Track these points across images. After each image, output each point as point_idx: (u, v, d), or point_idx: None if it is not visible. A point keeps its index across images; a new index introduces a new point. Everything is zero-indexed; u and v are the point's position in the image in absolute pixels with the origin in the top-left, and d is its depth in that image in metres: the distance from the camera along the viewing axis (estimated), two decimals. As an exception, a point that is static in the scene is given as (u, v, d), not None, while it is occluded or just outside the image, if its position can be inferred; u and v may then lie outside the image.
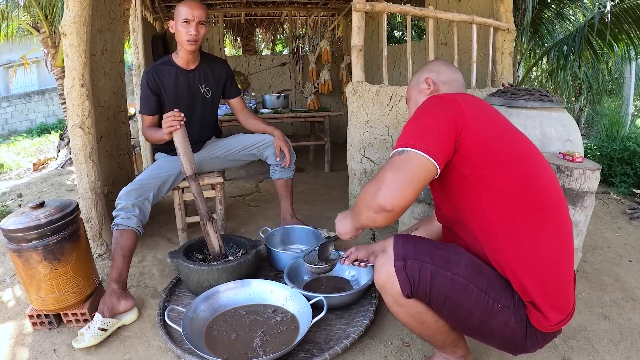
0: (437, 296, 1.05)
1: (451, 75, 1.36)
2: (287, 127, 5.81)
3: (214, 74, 2.27)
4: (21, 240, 1.51)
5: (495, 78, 3.17)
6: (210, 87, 2.27)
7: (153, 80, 2.13)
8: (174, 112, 1.85)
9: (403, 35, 9.74)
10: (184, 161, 1.86)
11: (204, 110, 2.28)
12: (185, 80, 2.19)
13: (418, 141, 1.04)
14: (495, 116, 1.19)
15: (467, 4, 3.58)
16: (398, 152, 1.05)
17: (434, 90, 1.33)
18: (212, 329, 1.53)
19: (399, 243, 1.09)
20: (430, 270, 1.04)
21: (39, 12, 5.40)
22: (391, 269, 1.07)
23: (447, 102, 1.12)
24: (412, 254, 1.06)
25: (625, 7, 4.12)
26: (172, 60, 2.18)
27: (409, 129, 1.10)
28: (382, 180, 1.03)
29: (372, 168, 2.65)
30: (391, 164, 1.04)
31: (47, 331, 1.65)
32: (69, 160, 5.45)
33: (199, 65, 2.22)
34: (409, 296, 1.07)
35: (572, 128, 2.28)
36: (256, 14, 6.17)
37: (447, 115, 1.08)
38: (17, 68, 7.81)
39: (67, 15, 1.97)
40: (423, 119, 1.10)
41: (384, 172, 1.04)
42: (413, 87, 1.41)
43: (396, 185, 1.00)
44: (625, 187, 3.53)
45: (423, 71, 1.39)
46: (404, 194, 1.00)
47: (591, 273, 2.10)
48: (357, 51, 2.47)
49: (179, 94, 2.18)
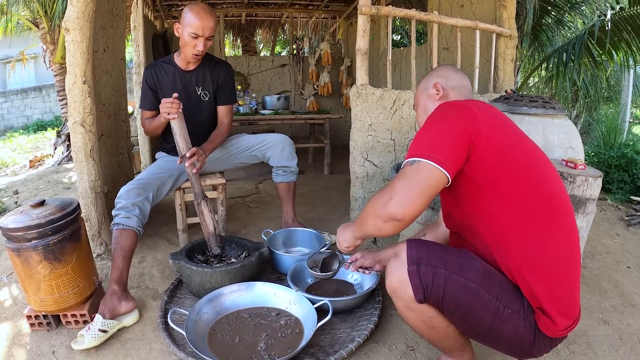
0: (449, 301, 1.05)
1: (460, 80, 1.36)
2: (286, 129, 5.80)
3: (212, 77, 2.24)
4: (21, 240, 1.48)
5: (497, 84, 3.18)
6: (207, 90, 2.24)
7: (151, 77, 2.14)
8: (172, 98, 1.86)
9: (402, 39, 9.78)
10: (179, 140, 1.87)
11: (200, 112, 2.25)
12: (182, 81, 2.17)
13: (429, 151, 1.04)
14: (507, 123, 1.19)
15: (469, 10, 3.60)
16: (410, 162, 1.06)
17: (443, 96, 1.33)
18: (216, 332, 1.51)
19: (413, 248, 1.09)
20: (444, 276, 1.04)
21: (39, 7, 5.37)
22: (404, 273, 1.06)
23: (460, 109, 1.12)
24: (425, 259, 1.06)
25: (626, 15, 4.15)
26: (173, 60, 2.17)
27: (421, 137, 1.10)
28: (393, 190, 1.03)
29: (374, 171, 2.65)
30: (402, 174, 1.05)
31: (46, 332, 1.62)
32: (66, 158, 5.40)
33: (199, 67, 2.20)
34: (422, 301, 1.07)
35: (574, 135, 2.29)
36: (257, 14, 6.17)
37: (460, 123, 1.08)
38: (15, 63, 7.73)
39: (70, 10, 1.95)
40: (435, 128, 1.10)
41: (395, 181, 1.05)
42: (421, 92, 1.40)
43: (407, 195, 1.01)
44: (622, 194, 3.56)
45: (431, 76, 1.38)
46: (414, 204, 1.01)
47: (590, 279, 2.12)
48: (362, 54, 2.46)
49: (175, 93, 2.16)
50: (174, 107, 1.87)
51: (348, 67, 5.73)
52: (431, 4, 4.14)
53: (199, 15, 1.93)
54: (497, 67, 3.16)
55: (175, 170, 2.16)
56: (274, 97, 4.51)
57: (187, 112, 2.10)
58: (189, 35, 1.97)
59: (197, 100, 2.22)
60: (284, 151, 2.31)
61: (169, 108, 1.87)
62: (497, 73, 3.17)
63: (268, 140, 2.32)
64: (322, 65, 5.64)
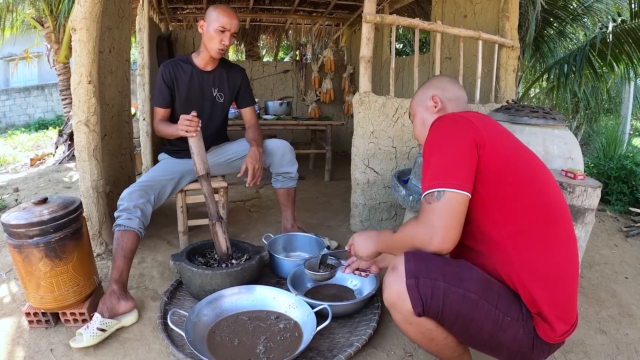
0: (449, 314, 1.05)
1: (457, 92, 1.36)
2: (287, 134, 5.82)
3: (229, 80, 2.27)
4: (22, 236, 1.49)
5: (498, 94, 3.20)
6: (223, 92, 2.26)
7: (168, 74, 2.14)
8: (192, 116, 1.83)
9: (404, 48, 9.83)
10: (197, 161, 1.85)
11: (214, 113, 2.27)
12: (199, 80, 2.19)
13: (449, 178, 1.07)
14: (506, 134, 1.21)
15: (472, 20, 3.63)
16: (435, 195, 1.07)
17: (441, 109, 1.34)
18: (215, 334, 1.51)
19: (411, 260, 1.07)
20: (443, 288, 1.04)
21: (45, 6, 5.40)
22: (402, 287, 1.05)
23: (461, 123, 1.14)
24: (424, 272, 1.05)
25: (627, 28, 4.18)
26: (191, 59, 2.19)
27: (435, 164, 1.11)
28: (432, 227, 1.06)
29: (375, 178, 2.66)
30: (434, 210, 1.07)
31: (44, 330, 1.63)
32: (67, 157, 5.41)
33: (216, 68, 2.22)
34: (420, 314, 1.06)
35: (574, 146, 2.31)
36: (261, 20, 6.20)
37: (465, 137, 1.10)
38: (19, 62, 7.76)
39: (77, 10, 1.97)
40: (445, 149, 1.12)
41: (429, 217, 1.07)
42: (418, 103, 1.40)
43: (447, 231, 1.05)
44: (621, 205, 3.57)
45: (428, 88, 1.39)
46: (455, 235, 1.07)
47: (588, 289, 2.13)
48: (366, 62, 2.48)
49: (191, 93, 2.18)
50: (193, 125, 1.83)
51: (350, 74, 5.76)
52: (435, 13, 4.18)
53: (226, 11, 2.03)
54: (498, 78, 3.18)
55: (178, 173, 2.17)
56: (277, 102, 4.53)
57: (202, 111, 2.12)
58: (216, 30, 2.01)
59: (212, 101, 2.25)
60: (284, 157, 2.32)
61: (188, 126, 1.82)
62: (498, 83, 3.19)
63: (269, 146, 2.32)
64: (325, 72, 5.66)
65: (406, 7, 5.15)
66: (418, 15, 5.23)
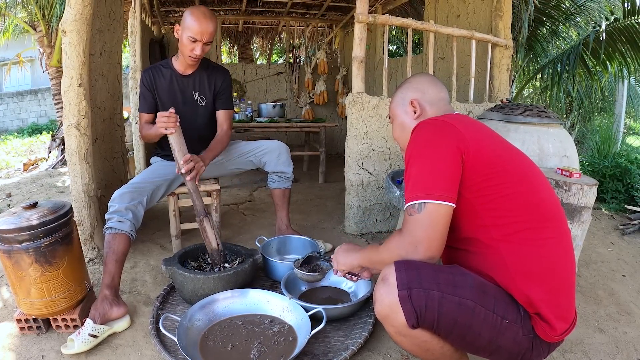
0: (445, 323, 1.02)
1: (437, 94, 1.31)
2: (281, 137, 5.81)
3: (210, 82, 2.22)
4: (12, 241, 1.46)
5: (492, 93, 3.20)
6: (204, 95, 2.22)
7: (148, 79, 2.13)
8: (169, 112, 1.82)
9: (397, 49, 9.85)
10: (178, 157, 1.83)
11: (196, 117, 2.22)
12: (179, 85, 2.17)
13: (431, 189, 1.05)
14: (491, 134, 1.19)
15: (465, 20, 3.63)
16: (417, 207, 1.06)
17: (421, 115, 1.28)
18: (208, 339, 1.49)
19: (402, 270, 1.02)
20: (437, 298, 1.00)
21: (37, 10, 5.37)
22: (394, 299, 1.01)
23: (445, 129, 1.11)
24: (416, 282, 1.00)
25: (620, 27, 4.20)
26: (171, 64, 2.16)
27: (416, 174, 1.09)
28: (415, 238, 1.05)
29: (369, 179, 2.64)
30: (416, 221, 1.06)
31: (35, 336, 1.60)
32: (60, 162, 5.37)
33: (196, 72, 2.18)
34: (415, 327, 1.02)
35: (569, 144, 2.31)
36: (254, 22, 6.20)
37: (448, 145, 1.08)
38: (12, 66, 7.70)
39: (68, 12, 1.95)
40: (426, 159, 1.09)
41: (411, 227, 1.06)
42: (397, 105, 1.35)
43: (430, 240, 1.05)
44: (616, 204, 3.58)
45: (407, 89, 1.33)
46: (439, 244, 1.06)
47: (586, 287, 2.12)
48: (358, 62, 2.47)
49: (172, 97, 2.16)
50: (171, 121, 1.81)
51: (344, 76, 5.76)
52: (427, 13, 4.18)
53: (199, 19, 1.92)
54: (492, 77, 3.18)
55: (170, 175, 2.14)
56: (270, 104, 4.51)
57: (183, 117, 2.09)
58: (187, 38, 1.95)
59: (193, 105, 2.21)
60: (280, 157, 2.31)
61: (166, 122, 1.80)
62: (492, 83, 3.20)
63: (264, 146, 2.31)
64: (318, 74, 5.66)
65: (399, 8, 5.17)
66: (411, 16, 5.24)
